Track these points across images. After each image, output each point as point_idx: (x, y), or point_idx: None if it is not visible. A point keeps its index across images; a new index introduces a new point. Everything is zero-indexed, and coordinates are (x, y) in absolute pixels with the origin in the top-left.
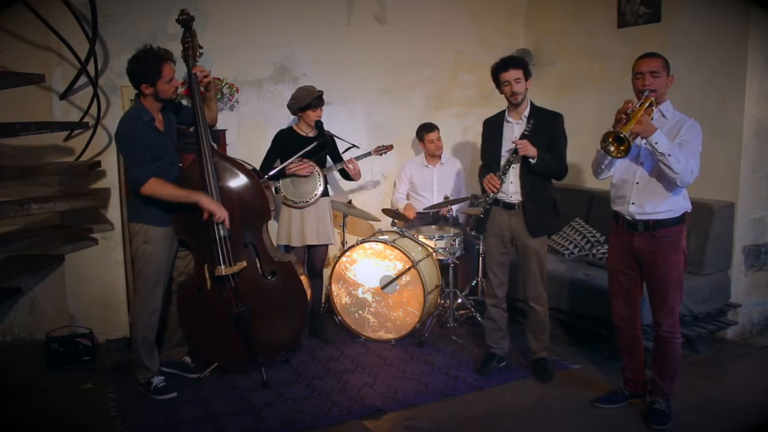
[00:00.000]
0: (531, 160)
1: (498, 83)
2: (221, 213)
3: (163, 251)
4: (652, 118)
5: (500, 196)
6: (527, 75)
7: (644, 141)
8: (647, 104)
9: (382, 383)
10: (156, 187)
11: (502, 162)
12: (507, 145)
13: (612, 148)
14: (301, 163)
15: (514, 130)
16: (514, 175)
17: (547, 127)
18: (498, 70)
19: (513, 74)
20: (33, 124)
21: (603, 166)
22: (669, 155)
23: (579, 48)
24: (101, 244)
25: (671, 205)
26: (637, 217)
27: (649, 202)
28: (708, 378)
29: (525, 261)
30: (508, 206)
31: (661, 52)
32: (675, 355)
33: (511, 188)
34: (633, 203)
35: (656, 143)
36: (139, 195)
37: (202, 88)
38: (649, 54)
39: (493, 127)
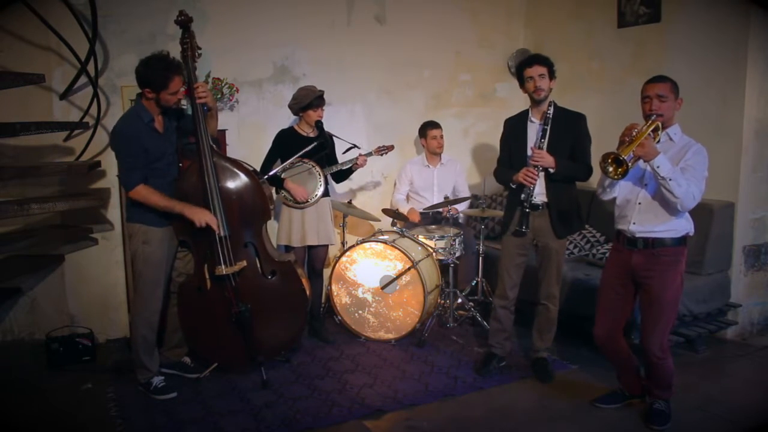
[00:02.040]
0: (550, 170)
1: (522, 80)
2: (201, 219)
3: (162, 251)
4: (658, 142)
5: (523, 197)
6: (552, 74)
7: (647, 165)
8: (652, 128)
9: (382, 383)
10: (143, 194)
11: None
12: (537, 143)
13: (610, 169)
14: (298, 188)
15: (538, 130)
16: (539, 176)
17: (570, 129)
18: (523, 66)
19: (537, 70)
20: (33, 124)
21: (605, 186)
22: (670, 180)
23: (579, 48)
24: (101, 244)
25: (672, 226)
26: (638, 235)
27: (649, 223)
28: (708, 378)
29: (545, 261)
30: (533, 207)
31: (661, 52)
32: (667, 374)
33: (536, 189)
34: (634, 223)
35: (658, 167)
36: None
37: (205, 108)
38: (658, 78)
39: (516, 127)
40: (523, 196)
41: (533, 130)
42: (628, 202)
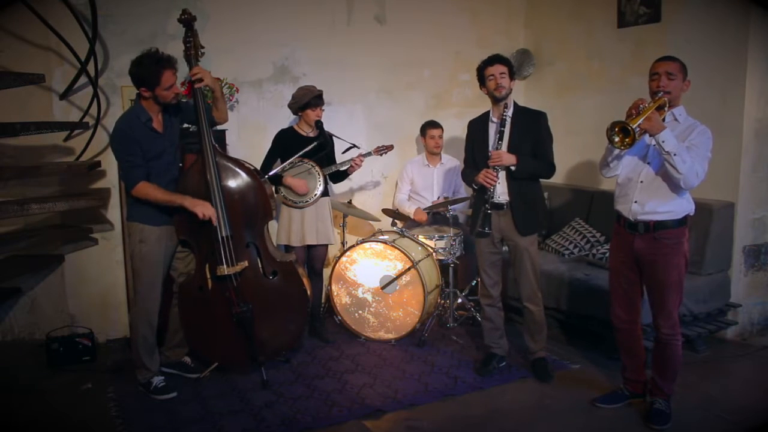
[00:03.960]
0: (511, 167)
1: (483, 80)
2: (204, 211)
3: (160, 250)
4: (663, 119)
5: (485, 198)
6: (512, 74)
7: (653, 141)
8: (659, 104)
9: (382, 383)
10: (145, 191)
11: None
12: (494, 145)
13: (617, 139)
14: (299, 180)
15: (496, 130)
16: (501, 175)
17: (530, 127)
18: (484, 65)
19: (499, 68)
20: (33, 124)
21: (609, 161)
22: (675, 154)
23: (579, 48)
24: (101, 244)
25: (673, 207)
26: (639, 217)
27: (650, 202)
28: (708, 378)
29: (517, 260)
30: (497, 206)
31: (661, 52)
32: (675, 356)
33: (499, 189)
34: (635, 201)
35: (663, 141)
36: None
37: (206, 92)
38: (667, 57)
39: (478, 128)
40: (485, 197)
41: (494, 130)
42: (630, 181)
